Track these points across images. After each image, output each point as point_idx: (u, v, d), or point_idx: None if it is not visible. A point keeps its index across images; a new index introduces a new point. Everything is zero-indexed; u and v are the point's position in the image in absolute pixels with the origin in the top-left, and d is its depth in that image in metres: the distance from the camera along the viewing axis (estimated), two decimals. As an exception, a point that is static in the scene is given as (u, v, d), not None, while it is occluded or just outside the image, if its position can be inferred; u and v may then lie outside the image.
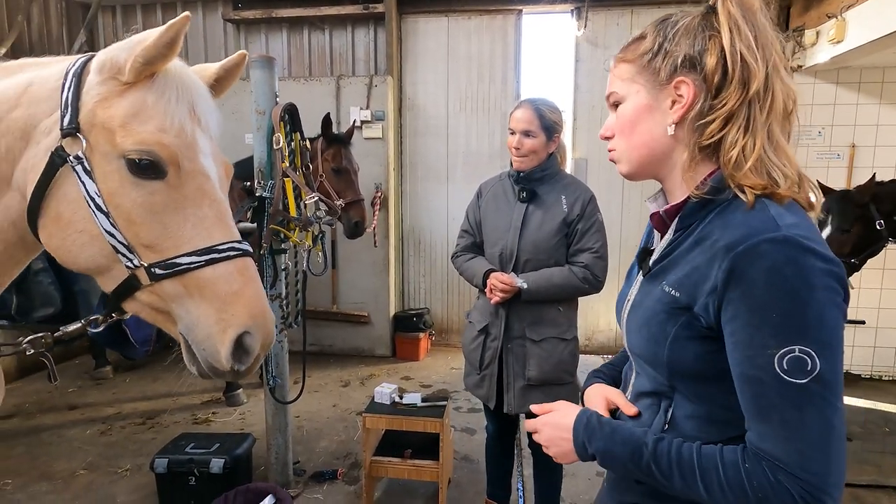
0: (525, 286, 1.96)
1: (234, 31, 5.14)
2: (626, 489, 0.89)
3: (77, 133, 0.85)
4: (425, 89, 5.04)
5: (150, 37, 0.82)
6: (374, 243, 4.79)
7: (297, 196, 2.52)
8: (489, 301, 2.04)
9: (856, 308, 4.42)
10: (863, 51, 3.61)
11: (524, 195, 2.04)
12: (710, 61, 0.75)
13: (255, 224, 2.56)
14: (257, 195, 2.51)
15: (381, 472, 2.58)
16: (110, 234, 0.85)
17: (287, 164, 2.46)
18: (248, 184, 2.83)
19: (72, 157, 0.85)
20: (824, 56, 3.92)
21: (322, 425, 3.55)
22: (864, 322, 4.43)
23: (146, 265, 0.85)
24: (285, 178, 2.46)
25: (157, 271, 0.85)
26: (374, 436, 2.66)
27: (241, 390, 3.89)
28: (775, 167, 0.74)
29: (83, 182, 0.85)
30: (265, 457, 2.82)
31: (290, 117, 2.54)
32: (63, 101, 0.86)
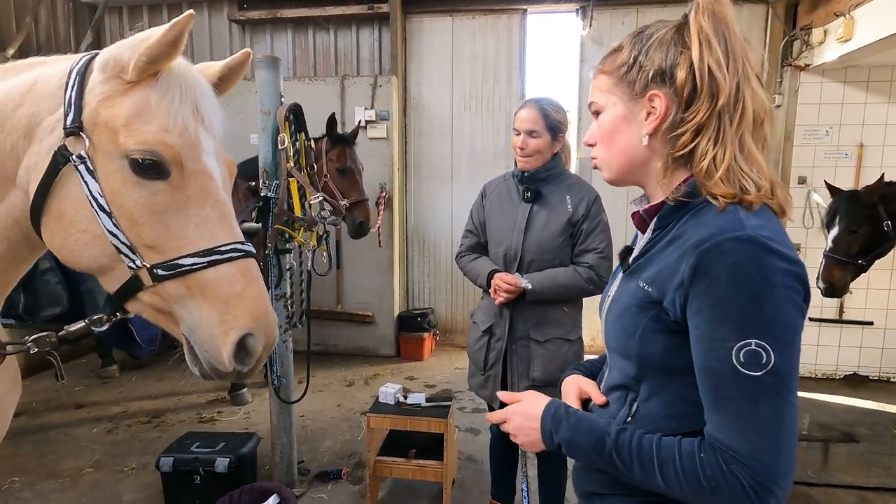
0: (530, 287, 1.96)
1: (239, 32, 5.15)
2: (587, 480, 0.93)
3: (80, 132, 0.84)
4: (430, 89, 5.04)
5: (153, 35, 0.82)
6: (379, 243, 4.80)
7: (302, 196, 2.53)
8: (493, 301, 2.04)
9: (863, 309, 4.39)
10: (871, 49, 3.58)
11: (528, 195, 2.03)
12: (681, 75, 0.78)
13: (260, 224, 2.57)
14: (262, 195, 2.52)
15: (386, 472, 2.58)
16: (112, 234, 0.85)
17: (292, 164, 2.46)
18: (253, 184, 2.84)
19: (74, 157, 0.84)
20: (832, 55, 3.89)
21: (326, 425, 3.56)
22: (873, 323, 4.40)
23: (148, 266, 0.85)
24: (290, 178, 2.46)
25: (160, 272, 0.85)
26: (379, 436, 2.66)
27: (245, 389, 3.90)
28: (746, 176, 0.77)
29: (86, 181, 0.84)
30: (270, 456, 2.82)
31: (295, 117, 2.55)
32: (66, 99, 0.86)
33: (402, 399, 2.60)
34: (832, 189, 3.15)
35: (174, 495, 2.54)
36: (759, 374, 0.70)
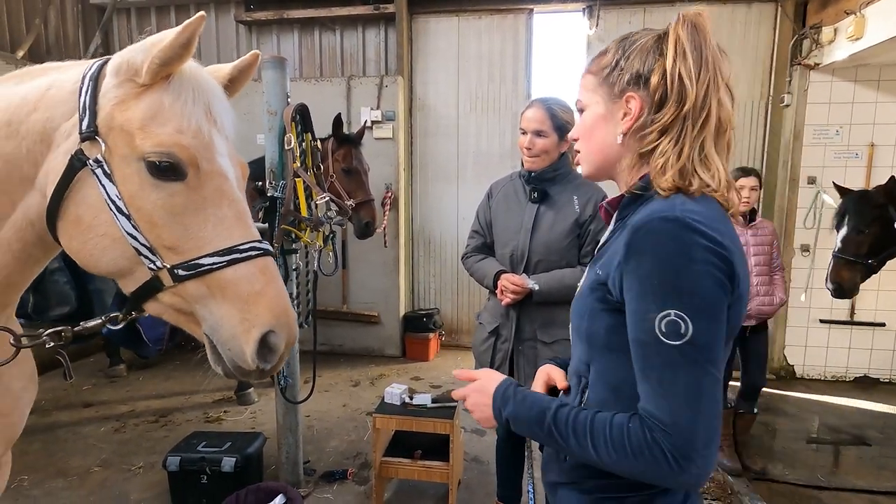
0: (537, 288, 1.95)
1: (245, 33, 5.18)
2: (549, 470, 0.99)
3: (96, 136, 0.85)
4: (436, 89, 5.04)
5: (166, 38, 0.83)
6: (385, 243, 4.80)
7: (308, 196, 2.53)
8: (500, 302, 2.03)
9: (874, 310, 4.34)
10: (883, 47, 3.54)
11: (535, 195, 2.02)
12: (654, 80, 0.85)
13: (267, 224, 2.57)
14: (269, 195, 2.53)
15: (392, 472, 2.58)
16: (132, 236, 0.85)
17: (298, 165, 2.47)
18: (259, 184, 2.85)
19: (91, 161, 0.85)
20: (842, 53, 3.85)
21: (332, 425, 3.56)
22: (885, 324, 4.35)
23: (169, 267, 0.86)
24: (296, 179, 2.46)
25: (181, 272, 0.86)
26: (385, 436, 2.66)
27: (252, 389, 3.91)
28: (697, 176, 0.83)
29: (103, 185, 0.85)
30: (276, 456, 2.83)
31: (302, 118, 2.55)
32: (80, 104, 0.87)
33: (407, 400, 2.60)
34: (841, 190, 3.11)
35: (181, 495, 2.55)
36: (678, 343, 0.74)
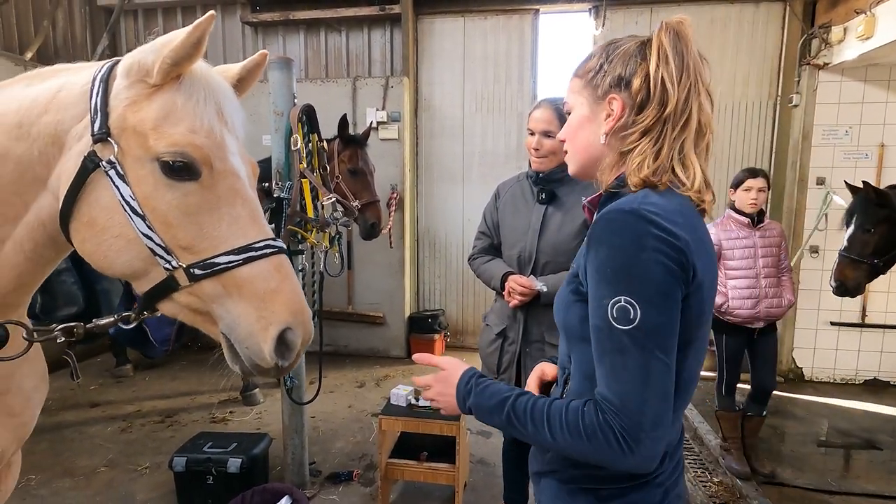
0: (545, 289, 1.93)
1: (252, 34, 5.19)
2: (533, 461, 1.01)
3: (108, 138, 0.85)
4: (441, 90, 5.03)
5: (177, 38, 0.83)
6: (390, 244, 4.79)
7: (315, 197, 2.53)
8: (507, 304, 2.01)
9: (885, 313, 4.29)
10: (893, 47, 3.50)
11: (543, 196, 2.01)
12: (636, 83, 0.88)
13: (273, 225, 2.57)
14: (275, 196, 2.52)
15: (397, 474, 2.57)
16: (148, 237, 0.85)
17: (304, 165, 2.46)
18: (265, 185, 2.85)
19: (104, 162, 0.85)
20: (852, 53, 3.81)
21: (338, 426, 3.56)
22: None
23: (185, 266, 0.86)
24: (303, 180, 2.46)
25: (196, 272, 0.86)
26: (390, 438, 2.65)
27: (257, 390, 3.92)
28: (671, 174, 0.86)
29: (117, 186, 0.85)
30: (281, 457, 2.83)
31: (308, 118, 2.55)
32: (92, 106, 0.87)
33: (413, 401, 2.59)
34: (852, 188, 3.07)
35: (187, 495, 2.55)
36: (627, 328, 0.77)
